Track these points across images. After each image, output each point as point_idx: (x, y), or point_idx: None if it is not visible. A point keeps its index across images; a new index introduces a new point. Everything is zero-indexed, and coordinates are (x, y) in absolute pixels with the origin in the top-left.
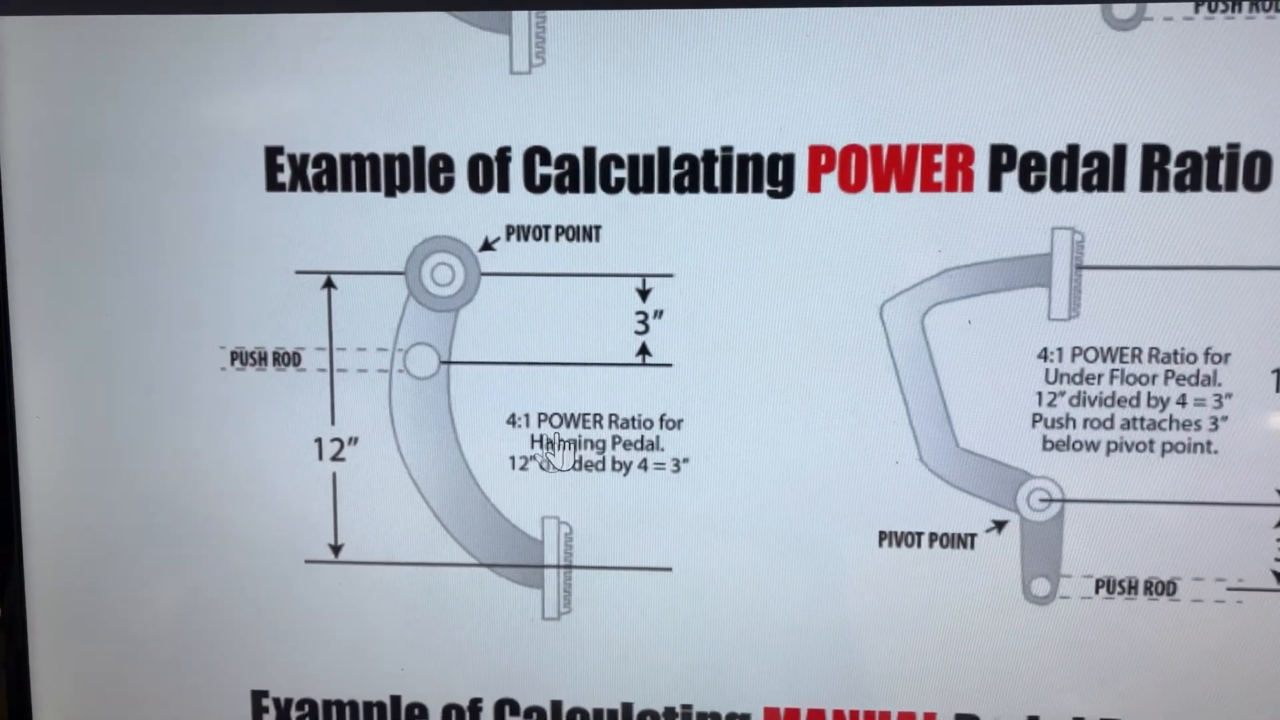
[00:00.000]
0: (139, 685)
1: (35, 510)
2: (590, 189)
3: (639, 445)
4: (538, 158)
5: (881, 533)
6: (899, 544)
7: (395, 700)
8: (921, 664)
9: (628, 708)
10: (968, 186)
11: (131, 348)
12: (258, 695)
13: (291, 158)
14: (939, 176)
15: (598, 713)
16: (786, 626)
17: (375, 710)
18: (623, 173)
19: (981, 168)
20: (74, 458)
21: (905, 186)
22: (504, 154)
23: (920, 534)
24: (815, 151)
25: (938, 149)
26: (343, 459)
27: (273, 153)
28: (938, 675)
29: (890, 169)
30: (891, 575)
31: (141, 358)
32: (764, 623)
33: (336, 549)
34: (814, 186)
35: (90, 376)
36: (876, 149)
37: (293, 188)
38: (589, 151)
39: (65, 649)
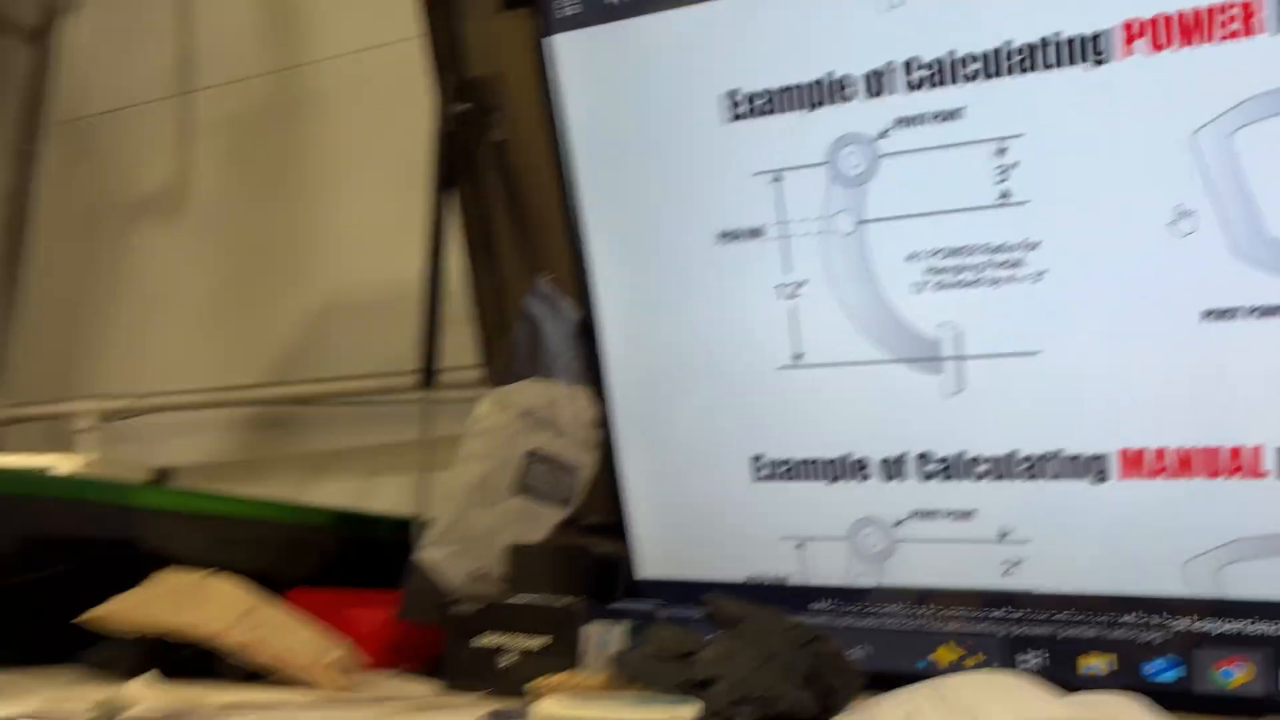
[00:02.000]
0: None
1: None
2: (954, 81)
3: (1005, 265)
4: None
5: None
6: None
7: (845, 456)
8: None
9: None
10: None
11: (659, 243)
12: (755, 458)
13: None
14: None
15: (992, 458)
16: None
17: (833, 466)
18: (977, 65)
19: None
20: (631, 320)
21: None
22: (888, 66)
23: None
24: (1128, 24)
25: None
26: (797, 296)
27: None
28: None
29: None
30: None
31: (663, 249)
32: (1121, 393)
33: (798, 356)
34: (1128, 53)
35: (635, 267)
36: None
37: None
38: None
39: (640, 451)
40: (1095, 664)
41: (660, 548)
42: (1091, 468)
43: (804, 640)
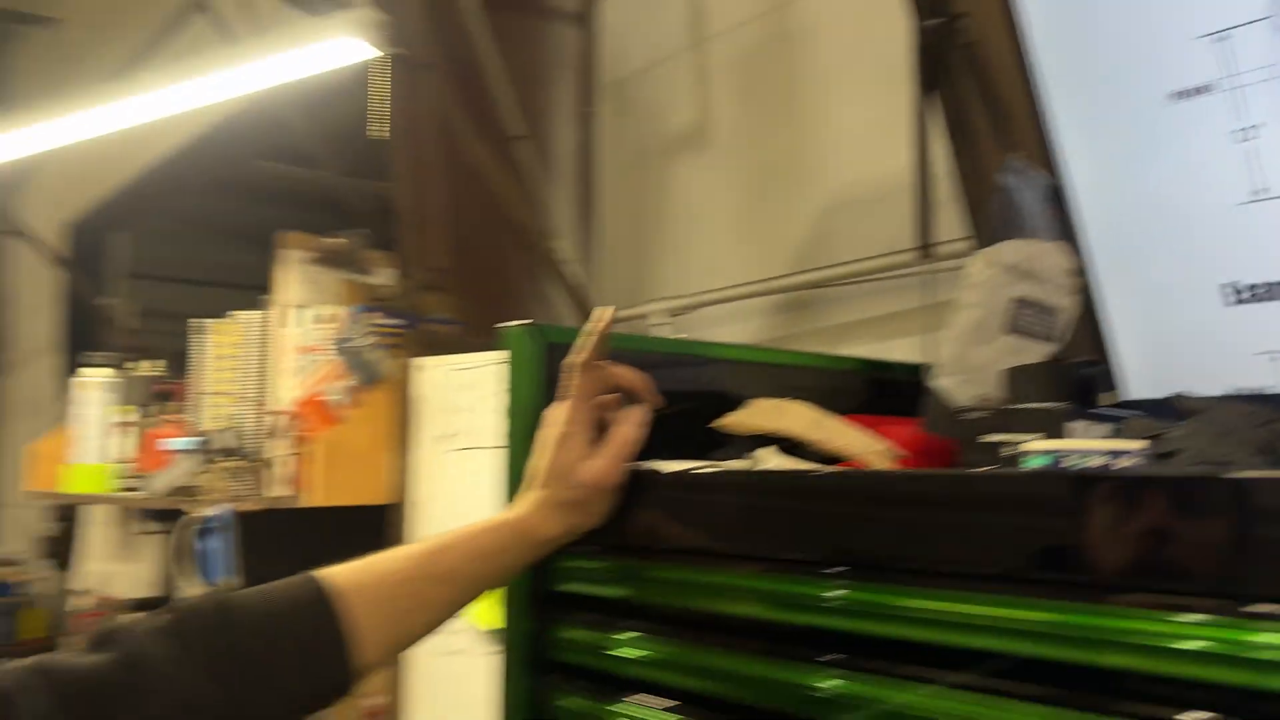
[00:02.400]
0: (1163, 299)
1: (1084, 216)
2: None
3: None
4: None
5: None
6: None
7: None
8: None
9: None
10: None
11: (1116, 110)
12: (1225, 285)
13: None
14: None
15: None
16: None
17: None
18: None
19: None
20: (1097, 180)
21: None
22: None
23: None
24: None
25: None
26: (1253, 139)
27: None
28: None
29: None
30: None
31: (1120, 114)
32: None
33: (1257, 192)
34: None
35: (1096, 134)
36: None
37: None
38: None
39: (1117, 292)
40: None
41: (1140, 376)
42: None
43: (1262, 420)
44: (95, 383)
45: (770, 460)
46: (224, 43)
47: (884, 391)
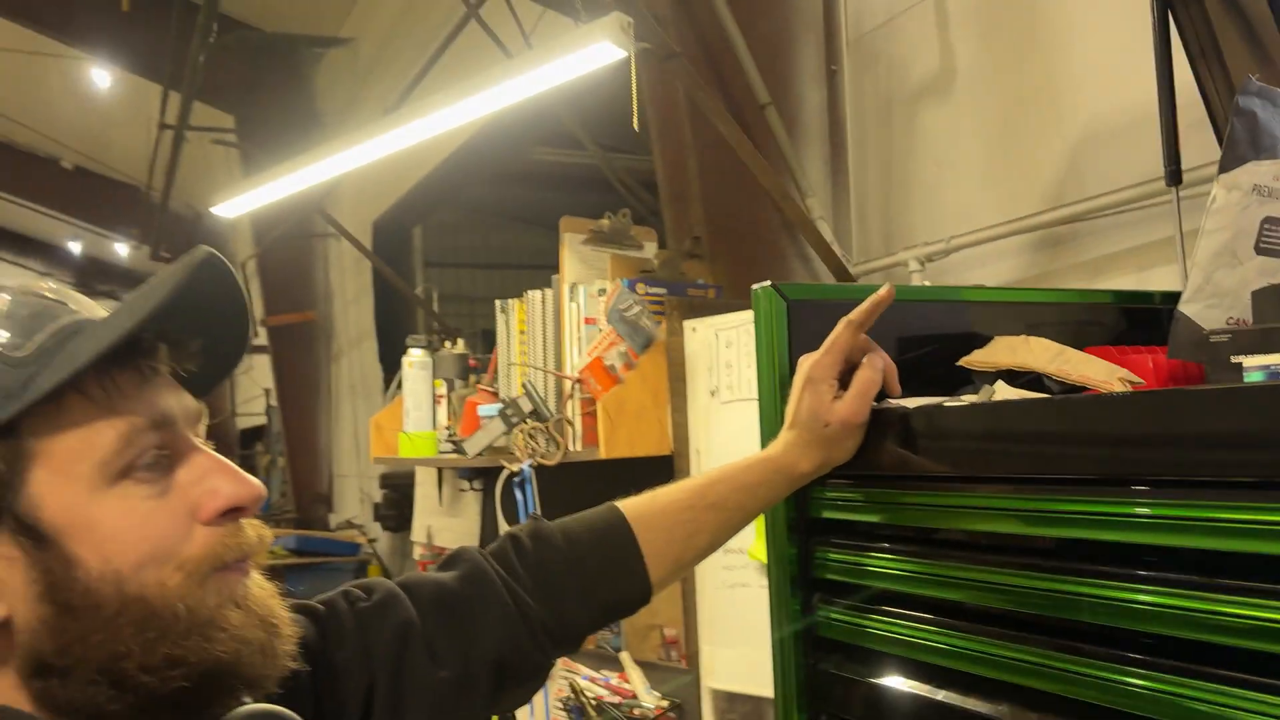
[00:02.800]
0: None
1: None
2: None
3: None
4: None
5: None
6: None
7: None
8: None
9: None
10: None
11: None
12: None
13: None
14: None
15: None
16: None
17: None
18: None
19: None
20: None
21: None
22: None
23: None
24: None
25: None
26: None
27: None
28: None
29: None
30: None
31: None
32: None
33: None
34: None
35: None
36: None
37: None
38: None
39: None
40: None
41: None
42: None
43: None
44: (419, 361)
45: (1008, 393)
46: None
47: (1140, 322)
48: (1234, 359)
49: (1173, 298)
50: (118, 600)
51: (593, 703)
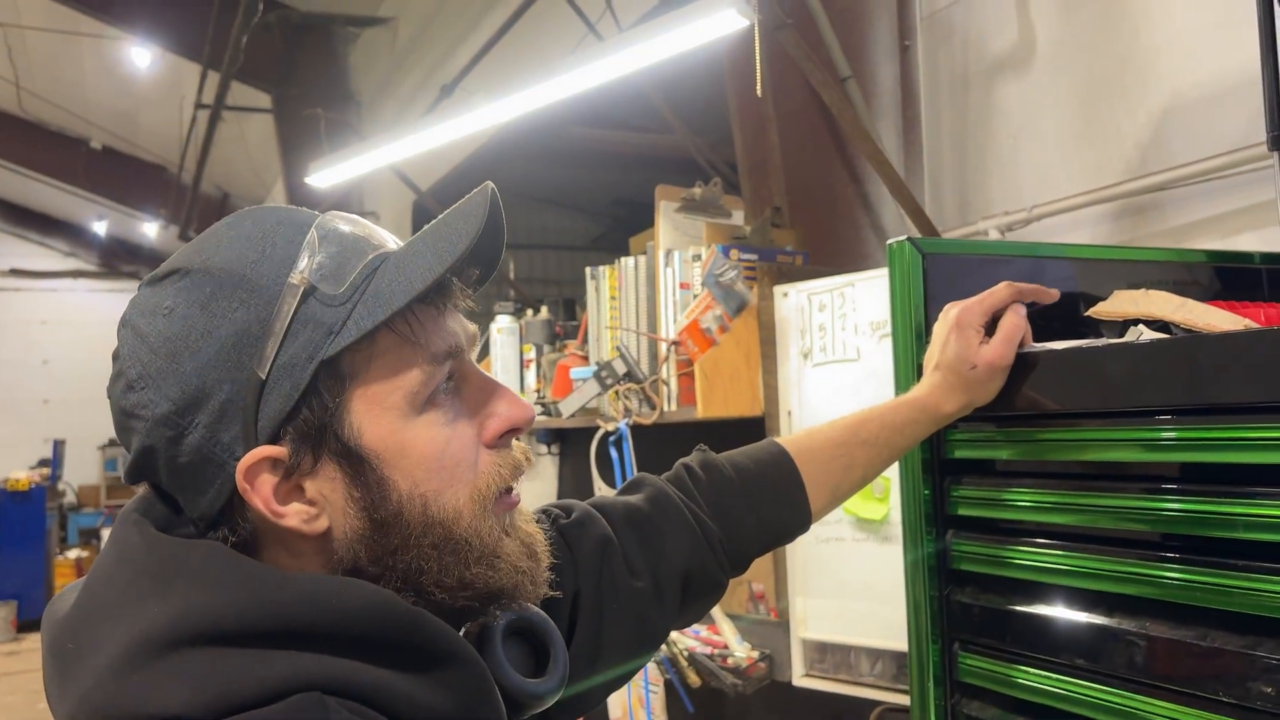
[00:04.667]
0: None
1: None
2: None
3: None
4: None
5: None
6: None
7: None
8: None
9: None
10: None
11: None
12: None
13: None
14: None
15: None
16: None
17: None
18: None
19: None
20: None
21: None
22: None
23: None
24: None
25: None
26: None
27: None
28: None
29: None
30: None
31: None
32: None
33: None
34: None
35: None
36: None
37: None
38: None
39: None
40: None
41: None
42: None
43: None
44: (507, 328)
45: (1145, 336)
46: (559, 23)
47: (1237, 281)
48: None
49: (1273, 258)
50: (422, 521)
51: (685, 654)
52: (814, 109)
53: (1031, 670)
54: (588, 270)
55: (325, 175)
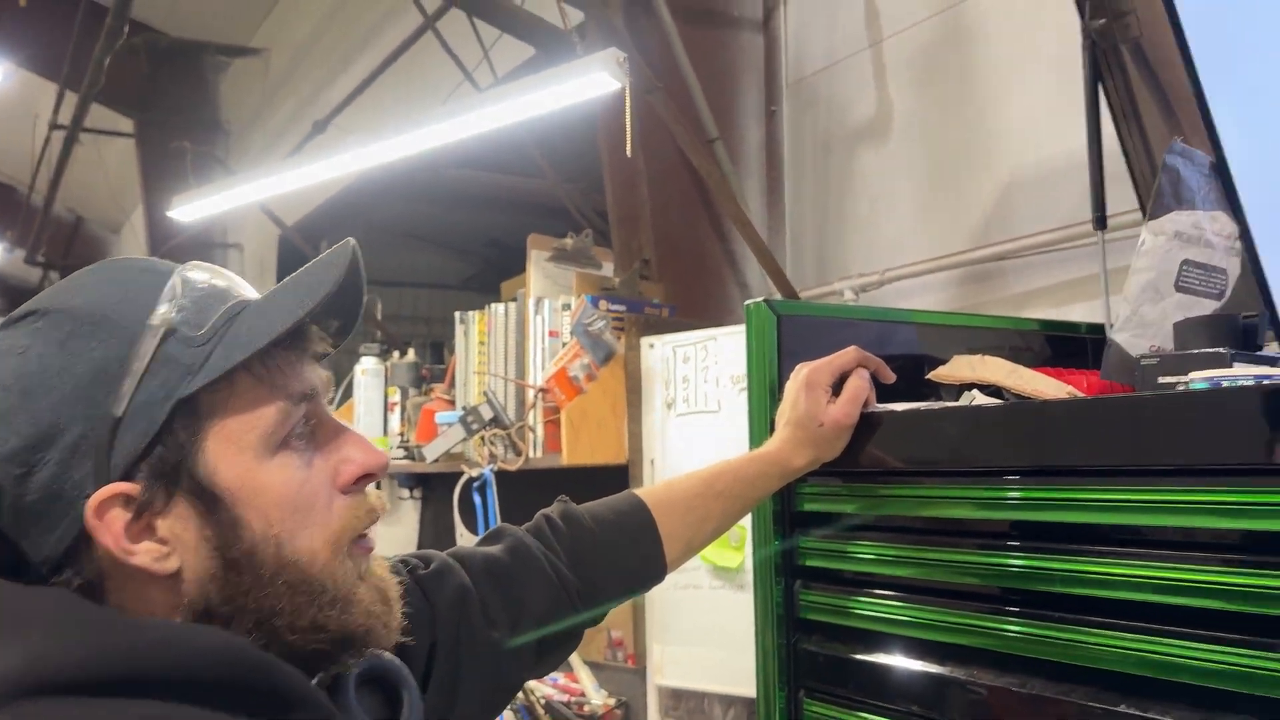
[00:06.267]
0: None
1: (1241, 189)
2: None
3: None
4: None
5: None
6: None
7: None
8: None
9: None
10: None
11: (1270, 97)
12: None
13: None
14: None
15: None
16: None
17: None
18: None
19: None
20: (1252, 160)
21: None
22: None
23: None
24: None
25: None
26: None
27: None
28: None
29: None
30: None
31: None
32: None
33: None
34: None
35: (1250, 119)
36: None
37: None
38: None
39: (1272, 251)
40: None
41: None
42: None
43: None
44: (371, 369)
45: (978, 400)
46: (436, 67)
47: (1065, 349)
48: (1161, 379)
49: (1096, 329)
50: (275, 562)
51: (541, 702)
52: (683, 168)
53: (873, 718)
54: (457, 315)
55: (189, 210)
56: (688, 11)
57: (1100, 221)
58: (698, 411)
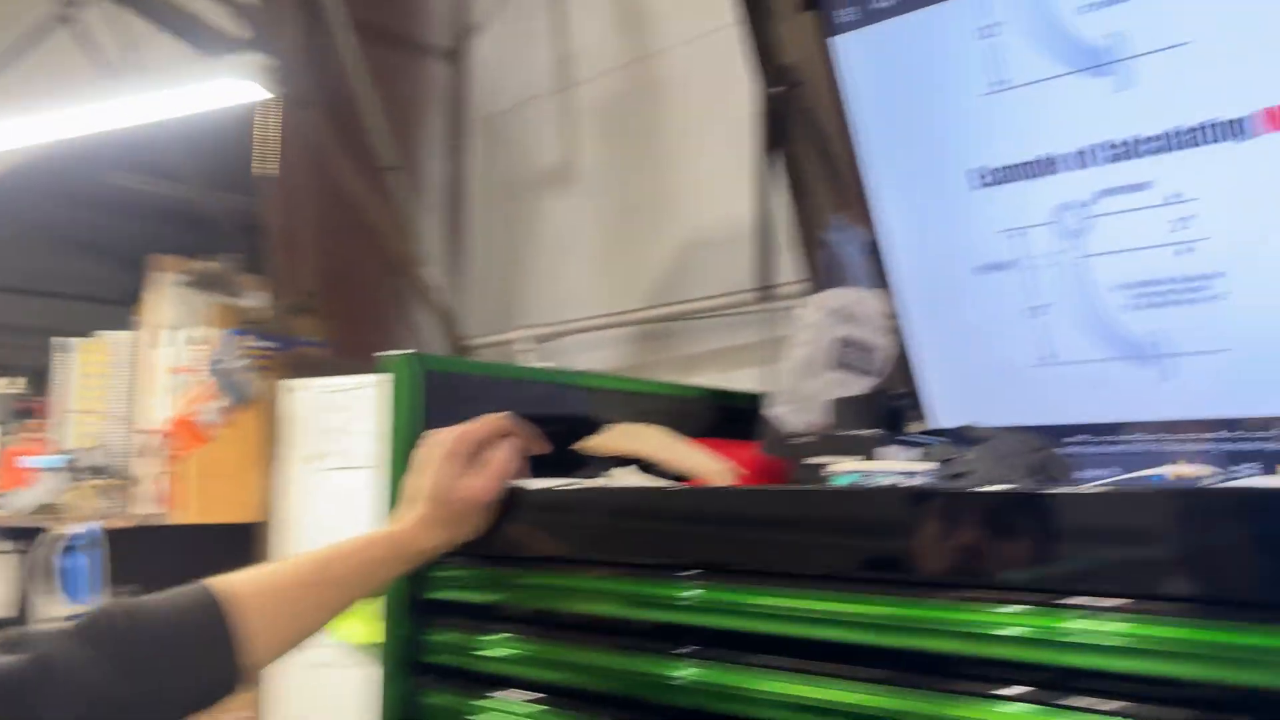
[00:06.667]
0: (965, 343)
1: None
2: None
3: None
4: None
5: None
6: None
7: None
8: None
9: None
10: None
11: (924, 187)
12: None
13: None
14: None
15: None
16: None
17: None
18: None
19: None
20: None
21: None
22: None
23: None
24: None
25: None
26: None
27: None
28: None
29: None
30: None
31: (926, 192)
32: None
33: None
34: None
35: (907, 205)
36: None
37: None
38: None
39: (926, 334)
40: None
41: (947, 405)
42: None
43: (1033, 448)
44: None
45: (625, 479)
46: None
47: (728, 418)
48: (809, 461)
49: (754, 399)
50: None
51: None
52: (366, 193)
53: None
54: (54, 341)
55: None
56: (370, 31)
57: (763, 290)
58: (349, 467)
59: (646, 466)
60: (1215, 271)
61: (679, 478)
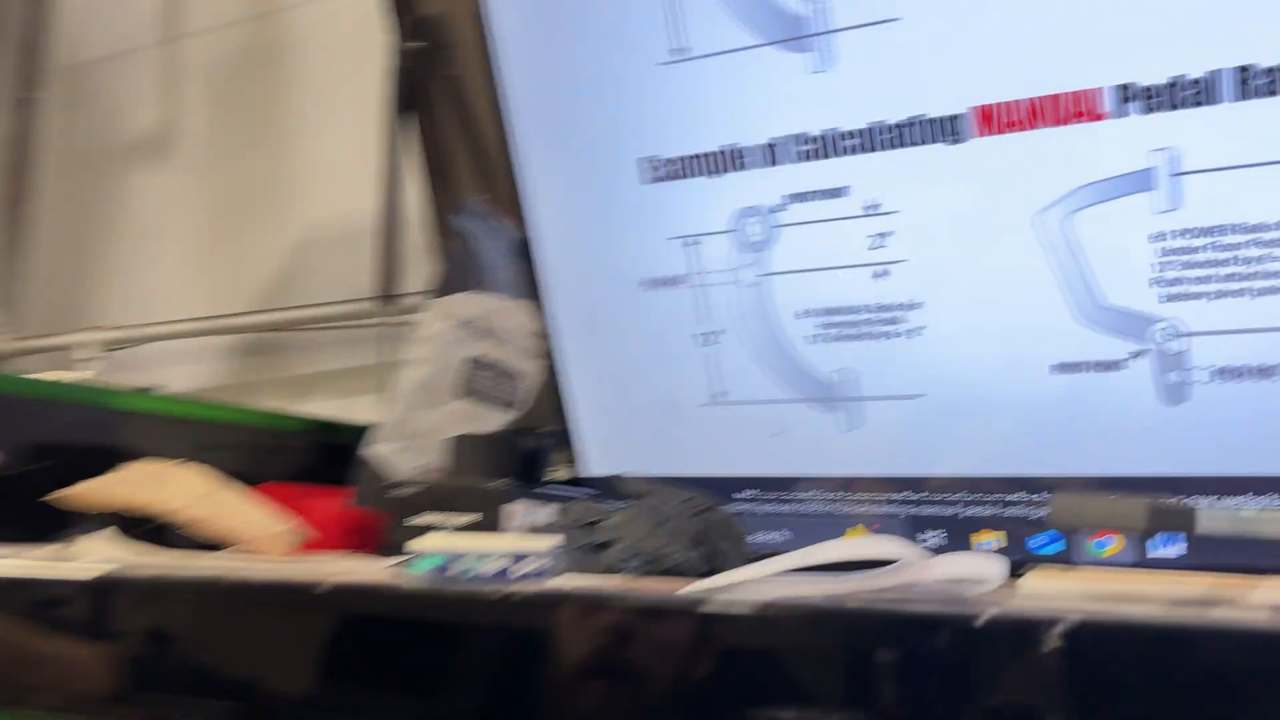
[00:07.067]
0: (629, 375)
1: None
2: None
3: None
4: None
5: None
6: None
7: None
8: None
9: None
10: None
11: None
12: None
13: None
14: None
15: None
16: None
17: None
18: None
19: None
20: (564, 247)
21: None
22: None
23: None
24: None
25: None
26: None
27: None
28: None
29: None
30: None
31: (591, 185)
32: None
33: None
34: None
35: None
36: None
37: None
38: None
39: (582, 360)
40: (987, 540)
41: (602, 448)
42: None
43: (697, 509)
44: None
45: (99, 549)
46: None
47: (333, 457)
48: (412, 521)
49: (363, 432)
50: None
51: None
52: None
53: None
54: None
55: None
56: None
57: (386, 297)
58: None
59: (157, 526)
60: (912, 301)
61: (214, 542)
